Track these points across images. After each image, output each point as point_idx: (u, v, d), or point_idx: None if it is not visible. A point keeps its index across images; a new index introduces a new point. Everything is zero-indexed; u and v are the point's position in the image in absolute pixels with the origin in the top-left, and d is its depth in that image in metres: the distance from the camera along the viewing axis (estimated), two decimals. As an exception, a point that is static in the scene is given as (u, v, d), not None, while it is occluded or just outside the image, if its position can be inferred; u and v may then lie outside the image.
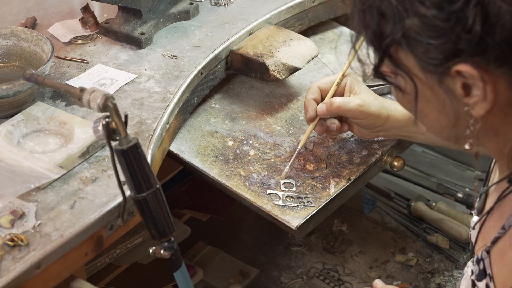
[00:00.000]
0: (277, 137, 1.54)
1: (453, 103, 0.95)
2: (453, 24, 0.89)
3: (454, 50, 0.90)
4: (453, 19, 0.89)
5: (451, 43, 0.90)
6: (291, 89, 1.67)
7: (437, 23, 0.90)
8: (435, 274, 1.78)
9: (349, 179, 1.45)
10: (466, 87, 0.93)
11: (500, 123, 0.97)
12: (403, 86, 0.98)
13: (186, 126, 1.55)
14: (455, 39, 0.89)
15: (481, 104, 0.93)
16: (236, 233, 1.92)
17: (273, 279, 1.78)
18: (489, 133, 0.99)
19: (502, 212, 1.04)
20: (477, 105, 0.93)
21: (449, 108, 0.96)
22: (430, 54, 0.92)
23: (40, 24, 1.68)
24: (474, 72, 0.90)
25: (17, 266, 1.11)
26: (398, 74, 0.97)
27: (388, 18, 0.92)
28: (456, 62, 0.91)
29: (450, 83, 0.94)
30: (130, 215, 1.26)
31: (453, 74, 0.92)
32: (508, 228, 1.00)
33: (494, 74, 0.91)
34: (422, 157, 2.17)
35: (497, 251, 1.02)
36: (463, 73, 0.91)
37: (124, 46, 1.62)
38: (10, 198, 1.21)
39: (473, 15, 0.88)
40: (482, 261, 1.04)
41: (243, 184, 1.43)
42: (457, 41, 0.89)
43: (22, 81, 1.33)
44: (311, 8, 1.77)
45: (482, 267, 1.04)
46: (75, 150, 1.29)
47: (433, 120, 1.00)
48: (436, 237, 1.85)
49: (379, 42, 0.94)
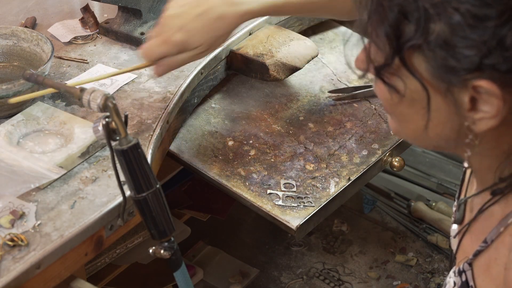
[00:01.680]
0: (277, 137, 1.54)
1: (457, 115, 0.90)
2: (487, 39, 0.83)
3: (480, 64, 0.84)
4: (488, 33, 0.83)
5: (479, 57, 0.84)
6: (291, 89, 1.67)
7: (469, 33, 0.84)
8: (435, 274, 1.78)
9: (349, 179, 1.45)
10: (473, 101, 0.88)
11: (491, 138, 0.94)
12: (402, 90, 0.91)
13: (186, 126, 1.55)
14: (486, 52, 0.84)
15: (486, 121, 0.88)
16: (236, 233, 1.92)
17: (273, 279, 1.78)
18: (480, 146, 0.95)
19: (484, 224, 1.02)
20: (482, 121, 0.89)
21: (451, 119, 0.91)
22: (450, 63, 0.86)
23: (40, 24, 1.69)
24: (496, 90, 0.85)
25: (17, 266, 1.11)
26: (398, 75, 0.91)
27: (411, 19, 0.86)
28: (476, 75, 0.85)
29: (458, 95, 0.88)
30: (130, 215, 1.26)
31: (468, 87, 0.87)
32: (491, 242, 0.98)
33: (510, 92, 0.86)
34: (422, 157, 2.17)
35: (481, 265, 1.00)
36: (480, 88, 0.86)
37: (124, 46, 1.62)
38: (10, 198, 1.21)
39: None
40: (464, 273, 1.02)
41: (243, 184, 1.43)
42: (487, 55, 0.84)
43: (22, 81, 1.33)
44: (311, 8, 1.77)
45: (465, 279, 1.02)
46: (75, 150, 1.29)
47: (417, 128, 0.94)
48: (436, 237, 1.85)
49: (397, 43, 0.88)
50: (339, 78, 1.70)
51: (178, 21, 1.34)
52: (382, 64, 0.90)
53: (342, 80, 1.69)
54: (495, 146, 0.95)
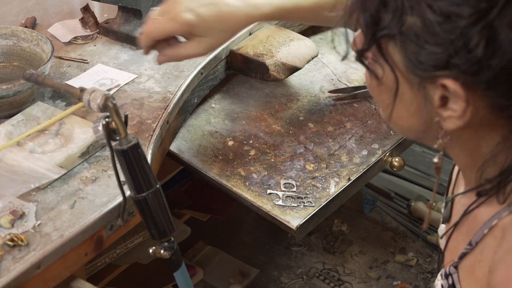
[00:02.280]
0: (277, 137, 1.54)
1: (427, 111, 0.93)
2: (454, 38, 0.85)
3: (447, 62, 0.87)
4: (456, 33, 0.85)
5: (446, 55, 0.86)
6: (291, 89, 1.67)
7: (438, 31, 0.86)
8: (435, 274, 1.78)
9: (349, 179, 1.45)
10: (443, 99, 0.90)
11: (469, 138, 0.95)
12: (380, 76, 0.95)
13: (186, 126, 1.55)
14: (452, 52, 0.86)
15: (454, 120, 0.90)
16: (236, 233, 1.92)
17: (273, 279, 1.78)
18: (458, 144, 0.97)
19: (469, 226, 1.02)
20: (450, 120, 0.91)
21: (421, 113, 0.94)
22: (421, 57, 0.88)
23: (40, 24, 1.69)
24: (460, 91, 0.87)
25: (17, 266, 1.11)
26: (378, 62, 0.94)
27: (389, 8, 0.89)
28: (444, 74, 0.87)
29: (430, 90, 0.90)
30: (130, 215, 1.26)
31: (437, 84, 0.89)
32: (475, 244, 0.98)
33: (479, 95, 0.88)
34: (422, 157, 2.17)
35: (466, 267, 1.00)
36: (447, 87, 0.88)
37: (124, 46, 1.62)
38: (10, 198, 1.21)
39: (478, 37, 0.84)
40: (451, 276, 1.02)
41: (243, 184, 1.43)
42: (453, 55, 0.86)
43: (22, 81, 1.33)
44: (311, 8, 1.77)
45: (451, 282, 1.02)
46: (75, 150, 1.29)
47: (400, 118, 0.97)
48: (436, 237, 1.85)
49: (373, 30, 0.91)
50: (339, 78, 1.70)
51: (189, 2, 1.33)
52: (361, 49, 0.94)
53: (342, 80, 1.69)
54: (476, 147, 0.96)
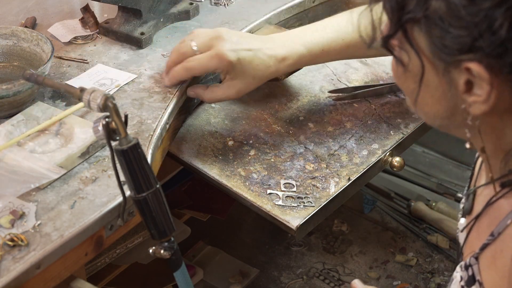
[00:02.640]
0: (277, 137, 1.54)
1: (452, 96, 0.94)
2: (478, 20, 0.87)
3: (471, 45, 0.88)
4: (480, 16, 0.86)
5: (471, 38, 0.88)
6: (291, 89, 1.67)
7: (463, 14, 0.87)
8: (435, 274, 1.78)
9: (349, 179, 1.45)
10: (469, 84, 0.91)
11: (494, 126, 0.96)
12: (406, 63, 0.96)
13: (186, 126, 1.55)
14: (476, 35, 0.87)
15: (478, 105, 0.92)
16: (236, 233, 1.92)
17: (273, 279, 1.78)
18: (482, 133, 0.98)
19: (491, 218, 1.03)
20: (475, 105, 0.92)
21: (447, 100, 0.95)
22: (446, 41, 0.90)
23: (40, 24, 1.69)
24: (485, 74, 0.89)
25: (17, 266, 1.11)
26: (404, 49, 0.95)
27: None
28: (469, 57, 0.89)
29: (455, 75, 0.92)
30: (130, 215, 1.26)
31: (462, 68, 0.90)
32: (498, 234, 0.98)
33: (503, 80, 0.89)
34: (422, 157, 2.17)
35: (487, 258, 1.01)
36: (472, 71, 0.89)
37: (124, 46, 1.62)
38: (10, 198, 1.21)
39: (502, 18, 0.85)
40: (471, 267, 1.03)
41: (243, 184, 1.43)
42: (477, 38, 0.87)
43: (22, 81, 1.33)
44: (311, 8, 1.77)
45: (471, 273, 1.03)
46: (75, 150, 1.29)
47: (427, 104, 0.99)
48: (436, 237, 1.85)
49: (399, 14, 0.92)
50: (339, 78, 1.69)
51: (233, 43, 1.39)
52: (387, 34, 0.95)
53: (342, 80, 1.69)
54: (501, 136, 0.97)
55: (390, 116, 1.59)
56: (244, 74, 1.41)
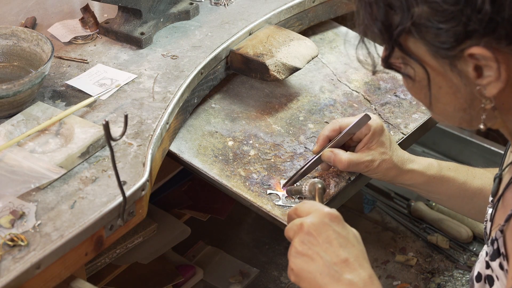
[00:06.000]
0: (277, 137, 1.54)
1: (466, 86, 0.97)
2: (462, 7, 0.91)
3: (465, 32, 0.92)
4: (461, 2, 0.91)
5: (462, 26, 0.92)
6: (291, 89, 1.67)
7: (446, 7, 0.92)
8: (435, 274, 1.78)
9: (349, 179, 1.45)
10: (478, 69, 0.95)
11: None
12: (413, 75, 1.00)
13: (186, 126, 1.55)
14: (466, 20, 0.91)
15: (494, 84, 0.95)
16: (236, 233, 1.92)
17: (273, 279, 1.78)
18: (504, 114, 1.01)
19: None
20: (490, 85, 0.95)
21: (462, 91, 0.99)
22: (441, 38, 0.94)
23: (40, 24, 1.69)
24: (487, 53, 0.92)
25: (17, 266, 1.11)
26: (407, 63, 0.99)
27: (395, 9, 0.95)
28: (468, 44, 0.93)
29: (462, 66, 0.96)
30: (130, 215, 1.26)
31: (465, 57, 0.94)
32: None
33: (505, 53, 0.93)
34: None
35: (511, 228, 1.03)
36: (475, 55, 0.93)
37: (124, 46, 1.62)
38: (10, 198, 1.21)
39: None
40: (496, 241, 1.06)
41: (243, 184, 1.43)
42: (467, 23, 0.91)
43: (22, 81, 1.33)
44: (311, 8, 1.77)
45: (496, 247, 1.06)
46: (75, 150, 1.29)
47: (445, 105, 1.02)
48: (436, 237, 1.85)
49: (389, 33, 0.96)
50: (339, 78, 1.70)
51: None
52: (385, 55, 0.99)
53: (342, 80, 1.69)
54: None
55: (390, 116, 1.60)
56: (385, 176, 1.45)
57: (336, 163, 1.40)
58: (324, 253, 1.08)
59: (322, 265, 1.07)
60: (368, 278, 1.08)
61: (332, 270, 1.07)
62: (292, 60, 1.59)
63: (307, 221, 1.11)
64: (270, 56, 1.58)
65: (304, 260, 1.09)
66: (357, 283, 1.06)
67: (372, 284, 1.08)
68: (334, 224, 1.11)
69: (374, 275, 1.09)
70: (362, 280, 1.07)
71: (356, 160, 1.39)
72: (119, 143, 1.34)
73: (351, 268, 1.07)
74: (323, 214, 1.11)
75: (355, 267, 1.08)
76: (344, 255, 1.08)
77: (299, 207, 1.15)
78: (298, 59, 1.60)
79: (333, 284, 1.06)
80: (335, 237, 1.09)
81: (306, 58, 1.62)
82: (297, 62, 1.60)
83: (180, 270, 1.75)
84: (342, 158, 1.39)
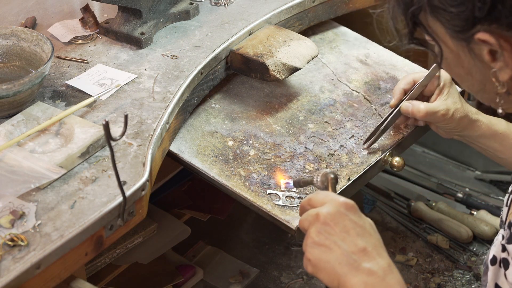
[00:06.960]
0: (277, 137, 1.54)
1: (481, 69, 1.01)
2: None
3: (473, 17, 0.95)
4: None
5: (469, 11, 0.95)
6: (291, 89, 1.67)
7: None
8: (435, 274, 1.78)
9: (349, 179, 1.45)
10: (493, 53, 0.98)
11: None
12: (438, 52, 1.04)
13: (186, 126, 1.55)
14: (471, 7, 0.95)
15: (505, 70, 0.98)
16: (236, 233, 1.92)
17: (273, 279, 1.78)
18: None
19: None
20: (502, 71, 0.99)
21: (477, 74, 1.02)
22: (453, 21, 0.98)
23: (40, 24, 1.68)
24: (492, 39, 0.95)
25: (17, 266, 1.11)
26: (433, 41, 1.04)
27: None
28: (477, 29, 0.96)
29: (477, 49, 0.99)
30: (130, 215, 1.26)
31: (478, 41, 0.97)
32: None
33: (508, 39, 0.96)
34: (422, 157, 2.17)
35: None
36: (485, 40, 0.96)
37: (124, 46, 1.62)
38: (10, 198, 1.21)
39: None
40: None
41: (243, 184, 1.43)
42: (473, 9, 0.95)
43: (22, 81, 1.33)
44: (311, 8, 1.77)
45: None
46: (75, 150, 1.29)
47: (468, 83, 1.07)
48: (436, 237, 1.85)
49: (410, 9, 1.01)
50: (339, 78, 1.70)
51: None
52: (407, 32, 1.05)
53: (342, 80, 1.69)
54: None
55: (390, 116, 1.59)
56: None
57: (414, 113, 1.49)
58: (342, 242, 1.07)
59: (340, 255, 1.07)
60: (387, 266, 1.07)
61: (351, 259, 1.06)
62: (292, 60, 1.59)
63: (323, 211, 1.10)
64: (270, 56, 1.58)
65: (322, 250, 1.08)
66: (376, 272, 1.06)
67: (391, 272, 1.07)
68: (350, 214, 1.10)
69: (392, 263, 1.09)
70: (381, 268, 1.07)
71: (433, 108, 1.48)
72: (119, 143, 1.34)
73: (370, 257, 1.07)
74: (339, 203, 1.11)
75: (373, 255, 1.07)
76: (362, 244, 1.08)
77: (313, 197, 1.15)
78: (298, 59, 1.60)
79: (352, 273, 1.06)
80: (352, 226, 1.09)
81: (306, 58, 1.62)
82: (297, 62, 1.60)
83: (180, 270, 1.75)
84: (420, 107, 1.48)
